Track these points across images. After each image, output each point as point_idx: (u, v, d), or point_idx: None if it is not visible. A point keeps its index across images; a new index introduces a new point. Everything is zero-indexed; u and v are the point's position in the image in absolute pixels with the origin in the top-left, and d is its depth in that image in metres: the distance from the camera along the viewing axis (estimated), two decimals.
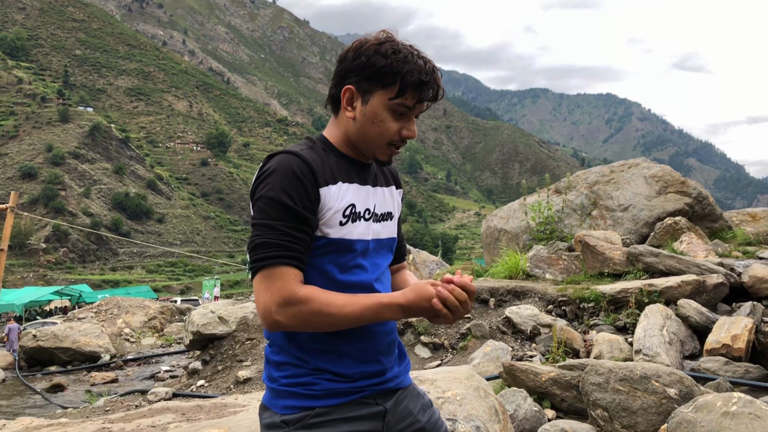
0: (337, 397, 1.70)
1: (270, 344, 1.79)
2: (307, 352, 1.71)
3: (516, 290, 8.02)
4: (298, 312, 1.59)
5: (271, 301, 1.59)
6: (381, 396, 1.78)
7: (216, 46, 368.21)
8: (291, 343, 1.72)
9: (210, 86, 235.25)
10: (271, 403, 1.74)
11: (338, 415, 1.69)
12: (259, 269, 1.62)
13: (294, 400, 1.69)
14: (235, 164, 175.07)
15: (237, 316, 10.03)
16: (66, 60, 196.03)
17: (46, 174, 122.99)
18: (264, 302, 1.60)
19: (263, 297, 1.60)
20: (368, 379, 1.75)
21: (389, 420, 1.78)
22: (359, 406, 1.73)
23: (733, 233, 9.58)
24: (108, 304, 20.42)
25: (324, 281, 1.69)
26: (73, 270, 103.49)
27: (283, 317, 1.59)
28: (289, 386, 1.70)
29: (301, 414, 1.68)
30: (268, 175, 1.64)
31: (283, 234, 1.61)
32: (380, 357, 1.78)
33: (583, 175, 11.13)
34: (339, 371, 1.71)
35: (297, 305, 1.58)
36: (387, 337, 1.81)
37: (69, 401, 9.98)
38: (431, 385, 3.89)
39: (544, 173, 13.68)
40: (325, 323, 1.62)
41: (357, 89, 1.70)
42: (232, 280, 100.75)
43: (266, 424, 1.74)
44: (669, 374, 4.27)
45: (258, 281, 1.62)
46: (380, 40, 1.70)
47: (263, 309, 1.60)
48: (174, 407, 4.94)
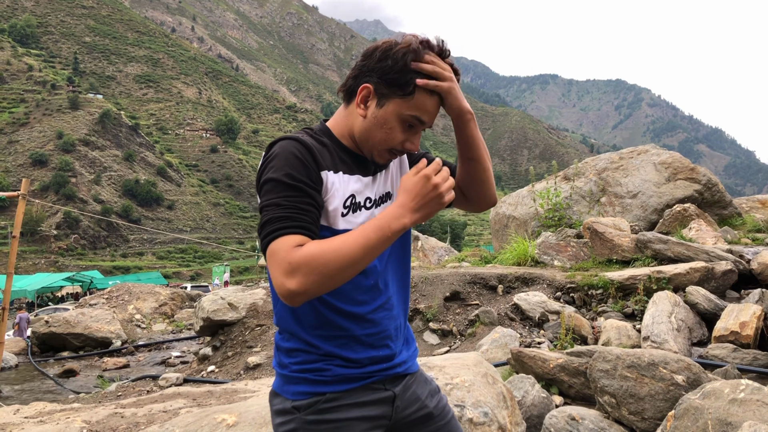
0: (348, 383, 1.72)
1: (280, 331, 1.81)
2: (317, 337, 1.72)
3: (524, 277, 8.03)
4: (308, 271, 1.48)
5: (279, 273, 1.50)
6: (390, 381, 1.80)
7: (225, 32, 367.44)
8: (301, 329, 1.73)
9: (219, 73, 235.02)
10: (282, 389, 1.75)
11: (349, 400, 1.72)
12: (266, 247, 1.56)
13: (305, 386, 1.71)
14: (244, 151, 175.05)
15: (247, 302, 10.08)
16: (75, 47, 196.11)
17: (56, 161, 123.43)
18: (275, 278, 1.51)
19: (273, 273, 1.52)
20: (377, 364, 1.77)
21: (398, 405, 1.81)
22: (369, 392, 1.76)
23: (742, 220, 9.54)
24: (119, 290, 20.53)
25: None
26: (84, 256, 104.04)
27: (296, 284, 1.48)
28: (300, 372, 1.72)
29: (312, 399, 1.70)
30: (270, 160, 1.64)
31: (288, 208, 1.57)
32: (388, 342, 1.80)
33: (592, 162, 11.10)
34: (348, 356, 1.72)
35: (303, 266, 1.48)
36: (393, 321, 1.82)
37: (81, 386, 10.08)
38: (440, 371, 3.92)
39: (552, 160, 13.63)
40: (338, 267, 1.50)
41: (375, 90, 1.68)
42: (241, 267, 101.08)
43: (277, 410, 1.76)
44: (677, 361, 4.27)
45: (267, 260, 1.54)
46: (410, 46, 1.67)
47: (277, 286, 1.50)
48: (185, 392, 5.00)
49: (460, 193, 1.93)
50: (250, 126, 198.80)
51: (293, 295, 1.49)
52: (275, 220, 1.56)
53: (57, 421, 4.13)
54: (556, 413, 4.44)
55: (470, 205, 1.96)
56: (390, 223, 1.54)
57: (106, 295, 20.16)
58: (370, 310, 1.75)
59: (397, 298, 1.86)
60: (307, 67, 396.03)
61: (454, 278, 8.29)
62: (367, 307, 1.75)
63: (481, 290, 8.08)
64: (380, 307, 1.78)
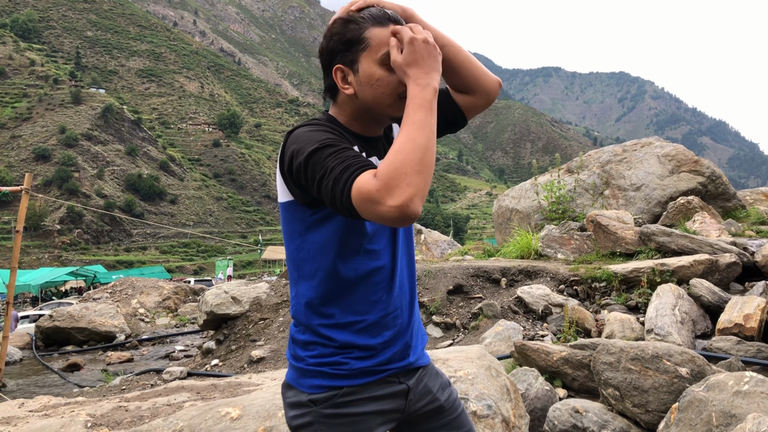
0: (365, 377, 1.73)
1: (295, 323, 1.81)
2: (332, 327, 1.73)
3: (528, 270, 8.02)
4: (398, 179, 1.42)
5: (378, 205, 1.42)
6: (404, 375, 1.82)
7: (227, 26, 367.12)
8: (317, 320, 1.74)
9: (221, 67, 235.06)
10: (297, 382, 1.75)
11: (365, 394, 1.73)
12: (349, 201, 1.47)
13: (322, 379, 1.71)
14: (247, 145, 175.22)
15: (250, 296, 10.09)
16: (77, 41, 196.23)
17: (59, 156, 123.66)
18: (380, 214, 1.43)
19: (373, 212, 1.44)
20: (391, 348, 1.77)
21: (411, 398, 1.82)
22: (385, 385, 1.77)
23: (746, 212, 9.52)
24: (122, 284, 20.57)
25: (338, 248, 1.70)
26: (88, 251, 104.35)
27: (398, 196, 1.41)
28: (317, 366, 1.72)
29: (329, 393, 1.70)
30: (298, 143, 1.60)
31: (342, 160, 1.51)
32: (399, 321, 1.80)
33: (596, 155, 11.07)
34: (364, 343, 1.73)
35: (391, 179, 1.42)
36: (405, 299, 1.84)
37: (85, 380, 10.11)
38: (443, 364, 3.92)
39: (555, 153, 13.61)
40: (416, 158, 1.45)
41: (344, 64, 1.68)
42: (244, 261, 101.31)
43: (291, 403, 1.75)
44: (680, 353, 4.27)
45: (361, 208, 1.46)
46: (337, 16, 1.71)
47: (388, 217, 1.42)
48: (189, 386, 5.01)
49: (459, 95, 1.91)
50: (252, 120, 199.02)
51: (404, 208, 1.41)
52: (338, 177, 1.49)
53: (62, 414, 4.14)
54: (560, 406, 4.44)
55: (475, 95, 1.91)
56: (424, 96, 1.53)
57: (109, 290, 20.21)
58: (379, 294, 1.76)
59: (408, 288, 1.87)
60: (310, 61, 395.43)
61: (457, 271, 8.29)
62: (380, 302, 1.77)
63: (485, 283, 8.07)
64: (393, 297, 1.79)
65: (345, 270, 1.72)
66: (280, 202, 1.77)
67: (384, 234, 1.79)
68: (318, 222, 1.71)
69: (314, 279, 1.74)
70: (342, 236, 1.70)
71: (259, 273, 69.04)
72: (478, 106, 1.92)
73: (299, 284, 1.78)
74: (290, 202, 1.72)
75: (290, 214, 1.74)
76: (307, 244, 1.73)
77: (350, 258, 1.72)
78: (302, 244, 1.74)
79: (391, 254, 1.80)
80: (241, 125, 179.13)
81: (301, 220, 1.72)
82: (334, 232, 1.70)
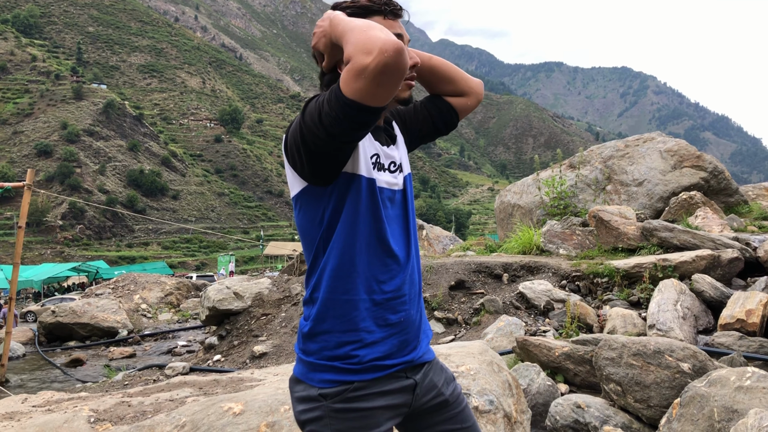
0: (375, 372, 1.73)
1: (305, 317, 1.81)
2: (343, 322, 1.73)
3: (529, 265, 8.02)
4: (366, 43, 1.51)
5: (361, 62, 1.49)
6: (411, 370, 1.83)
7: (228, 21, 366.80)
8: (327, 315, 1.74)
9: (223, 62, 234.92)
10: (306, 376, 1.75)
11: (375, 389, 1.73)
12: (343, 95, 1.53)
13: (332, 374, 1.72)
14: (248, 141, 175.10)
15: (252, 291, 10.10)
16: (79, 37, 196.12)
17: (61, 151, 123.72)
18: (371, 72, 1.49)
19: (366, 75, 1.49)
20: (397, 336, 1.78)
21: (418, 393, 1.84)
22: (393, 380, 1.78)
23: (749, 208, 9.50)
24: (125, 280, 20.62)
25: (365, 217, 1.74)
26: (90, 246, 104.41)
27: (373, 50, 1.48)
28: (327, 360, 1.72)
29: (340, 388, 1.70)
30: (313, 103, 1.64)
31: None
32: (407, 306, 1.82)
33: (598, 150, 11.06)
34: (372, 339, 1.74)
35: (360, 48, 1.51)
36: (415, 287, 1.87)
37: (88, 375, 10.14)
38: (445, 359, 3.92)
39: (557, 148, 13.59)
40: (364, 25, 1.57)
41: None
42: (246, 256, 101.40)
43: (300, 397, 1.76)
44: (682, 349, 4.27)
45: (355, 87, 1.51)
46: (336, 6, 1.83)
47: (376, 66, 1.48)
48: (191, 381, 5.01)
49: (454, 98, 2.12)
50: (254, 115, 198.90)
51: (384, 50, 1.48)
52: (328, 96, 1.57)
53: (65, 409, 4.15)
54: (562, 401, 4.45)
55: (467, 96, 2.14)
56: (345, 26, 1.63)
57: (112, 285, 20.27)
58: (394, 288, 1.79)
59: (417, 279, 1.91)
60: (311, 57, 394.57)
61: (459, 267, 8.29)
62: (389, 292, 1.78)
63: (486, 279, 8.07)
64: (401, 286, 1.81)
65: (360, 255, 1.74)
66: (294, 195, 1.79)
67: (397, 221, 1.84)
68: (335, 203, 1.72)
69: (331, 262, 1.74)
70: (360, 223, 1.73)
71: (261, 269, 69.11)
72: (470, 105, 2.16)
73: (318, 268, 1.78)
74: (304, 189, 1.75)
75: (305, 201, 1.77)
76: (326, 231, 1.75)
77: (366, 242, 1.74)
78: (321, 232, 1.76)
79: (405, 242, 1.85)
80: (242, 121, 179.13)
81: (317, 206, 1.75)
82: (352, 216, 1.73)
